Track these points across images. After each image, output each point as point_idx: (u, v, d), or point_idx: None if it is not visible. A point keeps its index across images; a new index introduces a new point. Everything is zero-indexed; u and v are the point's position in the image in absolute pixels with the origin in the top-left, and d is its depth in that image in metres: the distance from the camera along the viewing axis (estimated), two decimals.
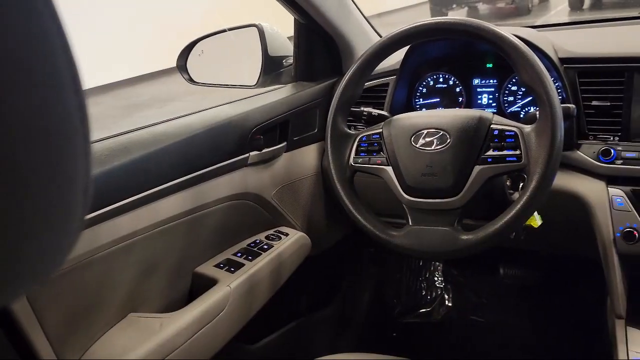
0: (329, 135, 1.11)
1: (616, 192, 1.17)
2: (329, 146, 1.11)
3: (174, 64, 1.54)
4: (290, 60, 1.58)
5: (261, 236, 1.39)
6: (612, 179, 1.19)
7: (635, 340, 1.12)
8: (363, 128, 1.16)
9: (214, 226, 1.26)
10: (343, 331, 1.95)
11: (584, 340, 1.71)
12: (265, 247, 1.35)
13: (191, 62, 1.54)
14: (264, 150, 1.36)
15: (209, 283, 1.20)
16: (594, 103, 1.21)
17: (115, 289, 1.06)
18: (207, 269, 1.25)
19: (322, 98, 1.53)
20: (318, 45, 1.55)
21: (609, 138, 1.20)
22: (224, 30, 1.52)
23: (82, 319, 1.00)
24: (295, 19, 1.50)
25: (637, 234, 1.13)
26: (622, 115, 1.18)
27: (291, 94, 1.47)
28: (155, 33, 8.39)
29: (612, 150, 1.17)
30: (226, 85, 1.59)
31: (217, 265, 1.26)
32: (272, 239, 1.39)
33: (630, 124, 1.18)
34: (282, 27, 1.57)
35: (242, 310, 1.23)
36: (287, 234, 1.42)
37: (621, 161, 1.17)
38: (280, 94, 1.47)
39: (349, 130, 1.13)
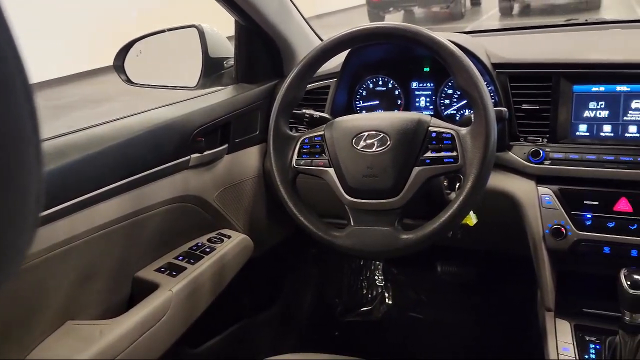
0: (271, 137, 1.12)
1: (545, 191, 1.23)
2: (271, 148, 1.12)
3: (105, 63, 1.50)
4: (231, 62, 1.57)
5: (203, 239, 1.38)
6: (541, 179, 1.25)
7: (564, 331, 1.19)
8: (305, 130, 1.17)
9: (154, 230, 1.24)
10: (286, 332, 1.95)
11: (516, 332, 1.79)
12: (208, 250, 1.33)
13: (129, 63, 1.51)
14: (205, 153, 1.35)
15: (150, 288, 1.18)
16: (524, 106, 1.27)
17: (52, 296, 1.02)
18: (148, 273, 1.23)
19: (263, 100, 1.53)
20: (259, 47, 1.55)
21: (538, 140, 1.26)
22: (163, 31, 1.50)
23: (16, 329, 0.96)
24: (235, 20, 1.50)
25: (564, 231, 1.20)
26: (550, 118, 1.25)
27: (232, 96, 1.47)
28: (86, 31, 8.12)
29: (541, 151, 1.23)
30: (165, 87, 1.57)
31: (159, 270, 1.24)
32: (214, 242, 1.38)
33: (557, 127, 1.24)
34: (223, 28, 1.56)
35: (185, 314, 1.22)
36: (229, 236, 1.41)
37: (549, 161, 1.23)
38: (221, 95, 1.46)
39: (291, 133, 1.14)
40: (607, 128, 1.21)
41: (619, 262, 1.07)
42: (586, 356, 1.13)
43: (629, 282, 0.99)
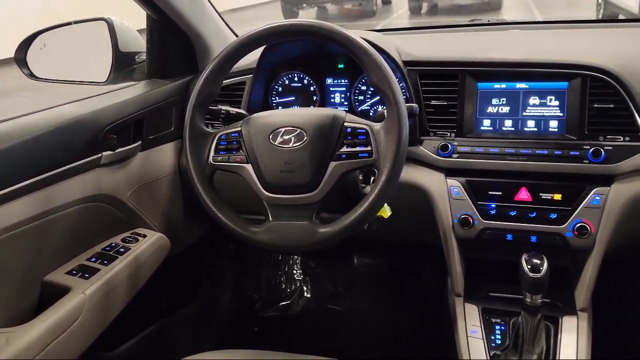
0: (187, 133, 1.10)
1: (453, 183, 1.30)
2: (187, 145, 1.10)
3: (2, 56, 1.41)
4: (143, 57, 1.53)
5: (117, 239, 1.34)
6: (450, 171, 1.32)
7: (472, 315, 1.26)
8: (221, 126, 1.16)
9: (65, 231, 1.19)
10: (205, 330, 1.94)
11: (429, 318, 1.87)
12: (122, 250, 1.30)
13: (32, 56, 1.43)
14: (117, 150, 1.31)
15: (61, 291, 1.14)
16: (433, 102, 1.33)
17: None
18: (58, 276, 1.18)
19: (178, 96, 1.50)
20: (172, 42, 1.52)
21: (447, 134, 1.32)
22: (69, 23, 1.43)
23: None
24: (147, 14, 1.46)
25: (471, 220, 1.27)
26: (457, 113, 1.32)
27: (145, 92, 1.43)
28: None
29: (450, 145, 1.30)
30: (73, 82, 1.50)
31: (70, 272, 1.19)
32: (129, 242, 1.34)
33: (463, 122, 1.31)
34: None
35: (99, 317, 1.18)
36: (144, 235, 1.38)
37: (457, 155, 1.30)
38: (133, 91, 1.42)
39: (207, 129, 1.13)
40: (508, 123, 1.29)
41: (520, 248, 1.15)
42: (492, 337, 1.21)
43: (529, 266, 1.07)
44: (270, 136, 1.06)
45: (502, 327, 1.22)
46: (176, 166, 1.51)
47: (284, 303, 2.12)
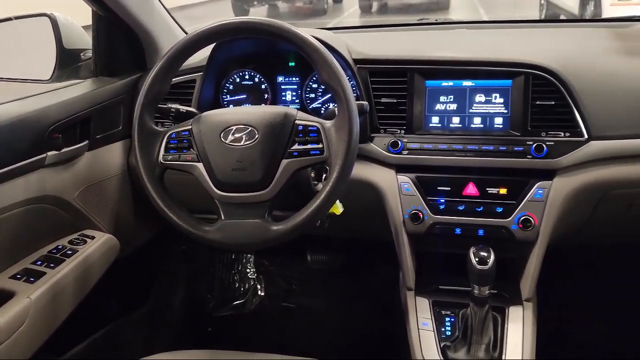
0: (136, 132, 1.08)
1: (404, 179, 1.32)
2: (136, 144, 1.08)
3: None
4: (89, 54, 1.49)
5: (64, 241, 1.30)
6: (400, 168, 1.34)
7: (423, 308, 1.29)
8: (171, 125, 1.15)
9: (8, 234, 1.15)
10: (158, 331, 1.91)
11: (382, 312, 1.89)
12: (69, 252, 1.26)
13: None
14: (63, 150, 1.27)
15: (5, 296, 1.10)
16: (383, 100, 1.35)
17: None
18: (2, 281, 1.14)
19: (125, 94, 1.47)
20: (119, 39, 1.49)
21: (397, 131, 1.35)
22: (9, 19, 1.38)
23: None
24: (93, 10, 1.42)
25: (421, 215, 1.30)
26: (407, 111, 1.34)
27: (92, 90, 1.39)
28: None
29: (400, 142, 1.32)
30: (12, 79, 1.45)
31: (14, 277, 1.15)
32: (77, 244, 1.31)
33: (412, 119, 1.34)
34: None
35: (46, 322, 1.15)
36: (93, 237, 1.35)
37: (407, 151, 1.32)
38: (79, 89, 1.38)
39: (156, 127, 1.11)
40: (456, 120, 1.33)
41: (468, 242, 1.19)
42: (442, 328, 1.24)
43: (476, 259, 1.11)
44: (222, 134, 1.05)
45: (452, 319, 1.26)
46: (125, 166, 1.48)
47: (238, 302, 2.11)
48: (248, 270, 2.16)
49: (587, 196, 1.28)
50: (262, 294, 2.14)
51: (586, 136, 1.24)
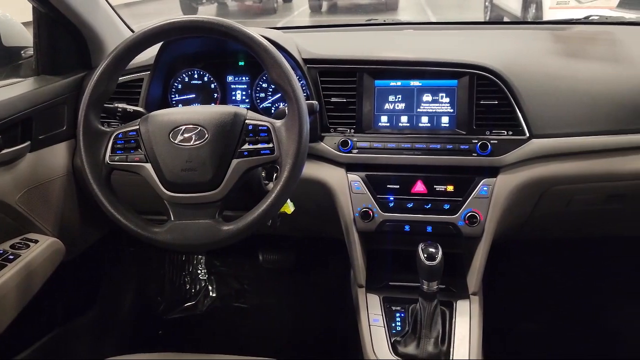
0: (81, 133, 1.06)
1: (354, 177, 1.34)
2: (81, 145, 1.05)
3: None
4: (30, 52, 1.45)
5: (5, 246, 1.26)
6: (350, 166, 1.36)
7: (374, 304, 1.31)
8: (118, 125, 1.13)
9: None
10: (107, 336, 1.86)
11: (334, 310, 1.91)
12: (11, 257, 1.22)
13: None
14: (3, 151, 1.23)
15: None
16: (333, 100, 1.37)
17: None
18: None
19: (70, 93, 1.43)
20: (62, 37, 1.44)
21: (347, 130, 1.36)
22: None
23: None
24: (33, 6, 1.37)
25: (371, 213, 1.32)
26: (356, 110, 1.36)
27: (33, 89, 1.35)
28: None
29: (349, 141, 1.34)
30: None
31: None
32: (19, 248, 1.26)
33: (362, 118, 1.36)
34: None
35: None
36: (36, 241, 1.30)
37: (357, 150, 1.34)
38: (20, 88, 1.33)
39: (102, 128, 1.08)
40: (404, 119, 1.35)
41: (417, 238, 1.21)
42: (393, 324, 1.27)
43: (425, 255, 1.13)
44: (170, 134, 1.04)
45: (402, 314, 1.28)
46: (70, 167, 1.44)
47: (189, 304, 2.09)
48: (199, 271, 2.14)
49: (529, 192, 1.33)
50: (214, 295, 2.12)
51: (527, 134, 1.29)
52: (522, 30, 1.93)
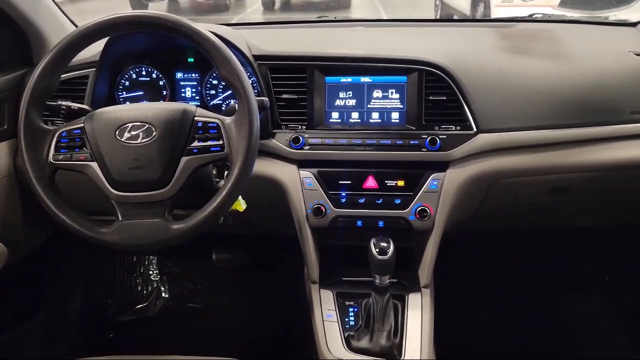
0: (22, 131, 1.02)
1: (306, 174, 1.34)
2: (22, 144, 1.02)
3: None
4: None
5: None
6: (302, 163, 1.36)
7: (327, 300, 1.32)
8: (62, 123, 1.09)
9: None
10: (55, 341, 1.81)
11: (288, 307, 1.91)
12: None
13: None
14: None
15: None
16: (284, 96, 1.36)
17: None
18: None
19: (10, 91, 1.38)
20: (1, 32, 1.39)
21: (298, 127, 1.36)
22: None
23: None
24: None
25: (324, 209, 1.32)
26: (307, 107, 1.36)
27: None
28: None
29: (301, 138, 1.34)
30: None
31: None
32: None
33: (313, 114, 1.36)
34: None
35: None
36: None
37: (308, 147, 1.34)
38: None
39: (45, 126, 1.05)
40: (355, 115, 1.36)
41: (369, 233, 1.22)
42: (346, 319, 1.27)
43: (377, 250, 1.15)
44: (117, 132, 1.02)
45: (355, 309, 1.29)
46: (11, 167, 1.39)
47: (141, 306, 2.05)
48: (151, 272, 2.10)
49: (477, 186, 1.36)
50: (166, 295, 2.09)
51: (475, 129, 1.32)
52: (470, 27, 1.97)
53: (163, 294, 2.09)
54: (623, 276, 2.05)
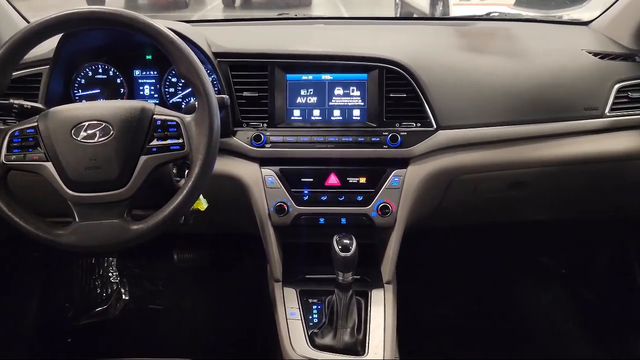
0: None
1: (268, 172, 1.33)
2: None
3: None
4: None
5: None
6: (264, 161, 1.35)
7: (291, 298, 1.31)
8: (15, 122, 1.06)
9: None
10: (10, 347, 1.76)
11: (251, 306, 1.90)
12: None
13: None
14: None
15: None
16: (245, 94, 1.35)
17: None
18: None
19: None
20: None
21: (259, 125, 1.35)
22: None
23: None
24: None
25: (286, 207, 1.32)
26: (268, 104, 1.35)
27: None
28: None
29: (262, 136, 1.33)
30: None
31: None
32: None
33: (274, 112, 1.35)
34: None
35: None
36: None
37: (270, 145, 1.33)
38: None
39: None
40: (316, 112, 1.36)
41: (332, 230, 1.23)
42: (310, 316, 1.28)
43: (340, 247, 1.15)
44: (73, 131, 1.00)
45: (319, 306, 1.29)
46: None
47: (100, 309, 2.00)
48: (110, 273, 2.06)
49: (438, 182, 1.38)
50: (127, 297, 2.05)
51: (435, 126, 1.33)
52: (429, 25, 2.00)
53: (123, 296, 2.05)
54: (579, 269, 2.12)
